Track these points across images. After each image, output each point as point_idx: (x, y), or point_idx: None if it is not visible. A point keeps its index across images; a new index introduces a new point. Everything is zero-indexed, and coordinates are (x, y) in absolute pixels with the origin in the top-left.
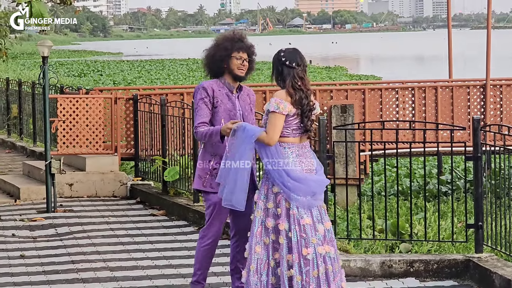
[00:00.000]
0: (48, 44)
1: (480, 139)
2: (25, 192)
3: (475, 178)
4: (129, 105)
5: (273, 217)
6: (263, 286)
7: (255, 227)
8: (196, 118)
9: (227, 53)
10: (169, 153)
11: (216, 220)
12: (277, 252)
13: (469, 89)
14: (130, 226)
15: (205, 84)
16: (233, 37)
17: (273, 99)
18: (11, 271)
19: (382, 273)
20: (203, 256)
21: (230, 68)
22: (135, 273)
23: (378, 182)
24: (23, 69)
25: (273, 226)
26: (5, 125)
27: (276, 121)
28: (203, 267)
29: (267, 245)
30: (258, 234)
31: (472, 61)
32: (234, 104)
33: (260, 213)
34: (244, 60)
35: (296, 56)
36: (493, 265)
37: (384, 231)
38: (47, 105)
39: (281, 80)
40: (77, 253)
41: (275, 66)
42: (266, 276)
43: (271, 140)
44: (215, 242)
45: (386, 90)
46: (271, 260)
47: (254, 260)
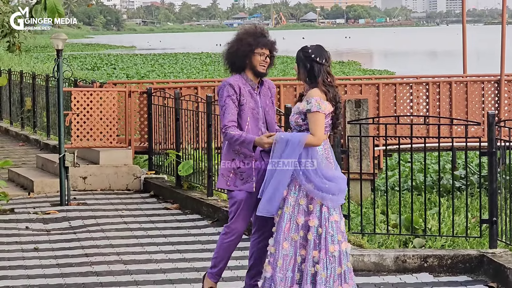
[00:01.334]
0: (62, 37)
1: (494, 134)
2: (38, 185)
3: (490, 174)
4: (143, 99)
5: (303, 214)
6: (287, 282)
7: (283, 223)
8: (225, 117)
9: (250, 49)
10: (183, 147)
11: (240, 217)
12: (303, 248)
13: (484, 85)
14: (143, 220)
15: (231, 81)
16: (256, 32)
17: (313, 99)
18: (25, 264)
19: (396, 268)
20: (224, 251)
21: (252, 64)
22: (149, 266)
23: (392, 177)
24: (36, 62)
25: (302, 223)
26: (19, 118)
27: (320, 121)
28: (224, 262)
29: (295, 241)
30: (287, 230)
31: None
32: (257, 102)
33: (290, 209)
34: (267, 56)
35: (323, 52)
36: (508, 261)
37: (398, 226)
38: (61, 98)
39: (311, 77)
40: (90, 246)
41: (303, 64)
42: (291, 272)
43: (319, 141)
44: (238, 238)
45: (400, 85)
46: (298, 256)
47: (281, 256)
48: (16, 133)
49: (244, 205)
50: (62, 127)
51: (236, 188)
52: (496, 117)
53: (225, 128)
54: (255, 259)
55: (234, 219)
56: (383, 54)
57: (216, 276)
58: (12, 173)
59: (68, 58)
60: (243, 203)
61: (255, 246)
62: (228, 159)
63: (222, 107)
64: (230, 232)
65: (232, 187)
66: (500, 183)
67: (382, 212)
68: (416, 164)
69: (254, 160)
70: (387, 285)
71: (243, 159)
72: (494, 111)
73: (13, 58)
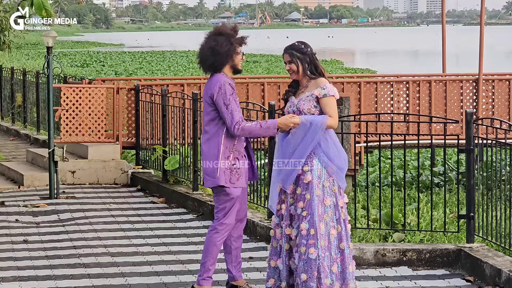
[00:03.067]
0: (52, 35)
1: (472, 132)
2: (28, 179)
3: (467, 170)
4: (131, 95)
5: (330, 195)
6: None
7: (315, 205)
8: (235, 114)
9: (233, 48)
10: (169, 142)
11: (233, 212)
12: (333, 228)
13: (462, 84)
14: (130, 213)
15: (228, 80)
16: (235, 31)
17: (328, 85)
18: (15, 256)
19: (376, 261)
20: (218, 250)
21: (234, 63)
22: (135, 258)
23: (372, 173)
24: (27, 59)
25: (329, 204)
26: (10, 113)
27: (335, 104)
28: (215, 262)
29: (326, 222)
30: (321, 213)
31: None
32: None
33: (319, 192)
34: (243, 53)
35: (308, 44)
36: (484, 255)
37: (378, 221)
38: (51, 94)
39: (312, 70)
40: (79, 238)
41: (304, 61)
42: (328, 250)
43: (337, 123)
44: (227, 234)
45: (381, 84)
46: (331, 236)
47: (321, 237)
48: (6, 128)
49: (238, 201)
50: (51, 122)
51: (233, 185)
52: (474, 115)
53: (239, 124)
54: (234, 250)
55: (229, 215)
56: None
57: (210, 279)
58: (3, 167)
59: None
60: (238, 199)
61: (230, 238)
62: (224, 157)
63: (227, 106)
64: (223, 229)
65: (229, 184)
66: (478, 180)
67: (362, 207)
68: (396, 161)
69: (243, 155)
70: (367, 278)
71: (237, 155)
72: (472, 110)
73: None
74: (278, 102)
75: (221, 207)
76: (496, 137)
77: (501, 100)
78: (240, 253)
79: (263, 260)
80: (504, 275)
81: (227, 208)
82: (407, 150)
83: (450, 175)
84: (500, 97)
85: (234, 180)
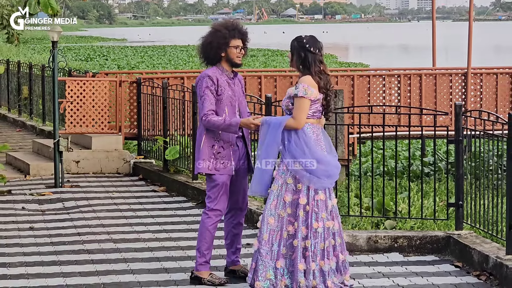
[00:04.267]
0: (57, 30)
1: (461, 123)
2: (34, 168)
3: (456, 160)
4: (133, 88)
5: (291, 192)
6: (273, 255)
7: (270, 200)
8: (204, 106)
9: (225, 41)
10: (170, 133)
11: (223, 197)
12: (291, 225)
13: (452, 77)
14: (132, 201)
15: (210, 73)
16: (230, 26)
17: (300, 85)
18: (21, 242)
19: (368, 248)
20: (212, 234)
21: (229, 57)
22: (137, 245)
23: (365, 163)
24: (33, 53)
25: (290, 201)
26: (16, 105)
27: (304, 105)
28: (211, 247)
29: (282, 217)
30: (273, 207)
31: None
32: (234, 91)
33: (277, 187)
34: (241, 48)
35: (317, 42)
36: (472, 242)
37: (371, 209)
38: (56, 87)
39: (304, 66)
40: (83, 225)
41: (297, 52)
42: (277, 246)
43: (299, 124)
44: (219, 219)
45: (374, 77)
46: (284, 232)
47: (266, 231)
48: (13, 119)
49: (225, 187)
50: (57, 114)
51: (218, 172)
52: (462, 107)
53: (206, 116)
54: (232, 237)
55: (218, 200)
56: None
57: (208, 264)
58: (10, 157)
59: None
60: (224, 185)
61: (230, 225)
62: (208, 145)
63: (201, 97)
64: (214, 214)
65: (214, 171)
66: (466, 169)
67: (355, 195)
68: (388, 151)
69: (231, 145)
70: (360, 264)
71: (223, 144)
72: (461, 102)
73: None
74: (275, 94)
75: (209, 193)
76: (484, 129)
77: (489, 93)
78: (240, 240)
79: None
80: (491, 261)
81: (215, 193)
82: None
83: (439, 165)
84: (488, 90)
85: (219, 167)
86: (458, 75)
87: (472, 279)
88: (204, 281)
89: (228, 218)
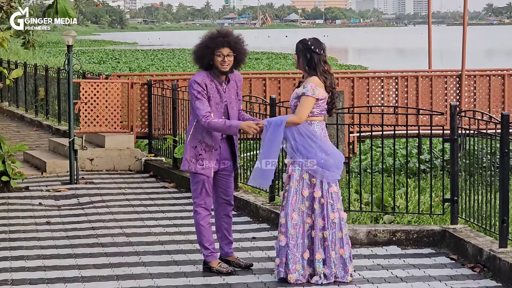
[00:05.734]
0: (72, 34)
1: (456, 123)
2: (50, 166)
3: (451, 158)
4: (144, 89)
5: (307, 187)
6: (299, 247)
7: (290, 196)
8: (201, 108)
9: (208, 51)
10: (179, 132)
11: (208, 191)
12: (309, 217)
13: (447, 79)
14: (144, 197)
15: (198, 79)
16: (217, 35)
17: (309, 85)
18: (38, 236)
19: (368, 241)
20: (205, 228)
21: (215, 64)
22: (148, 238)
23: (364, 160)
24: (49, 57)
25: (307, 195)
26: (33, 106)
27: (308, 103)
28: (210, 238)
29: (302, 211)
30: (294, 202)
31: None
32: (222, 97)
33: (295, 184)
34: (225, 56)
35: (321, 43)
36: (467, 235)
37: (370, 204)
38: (71, 89)
39: (310, 66)
40: (96, 220)
41: (303, 54)
42: (301, 239)
43: (301, 120)
44: (209, 212)
45: (373, 79)
46: (305, 224)
47: (291, 226)
48: (30, 119)
49: (207, 184)
50: (71, 114)
51: (198, 172)
52: (457, 108)
53: (205, 117)
54: (223, 230)
55: (199, 197)
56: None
57: (214, 254)
58: (27, 155)
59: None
60: (205, 183)
61: (220, 219)
62: (192, 146)
63: (195, 101)
64: (199, 208)
65: (193, 170)
66: (461, 167)
67: (356, 191)
68: (386, 149)
69: (214, 149)
70: (360, 256)
71: (204, 147)
72: (455, 103)
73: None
74: (279, 95)
75: (192, 189)
76: (477, 128)
77: (482, 94)
78: (231, 232)
79: (265, 240)
80: (485, 253)
81: (199, 189)
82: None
83: (435, 162)
84: (481, 91)
85: (198, 169)
86: (452, 77)
87: (466, 271)
88: (213, 270)
89: (217, 213)
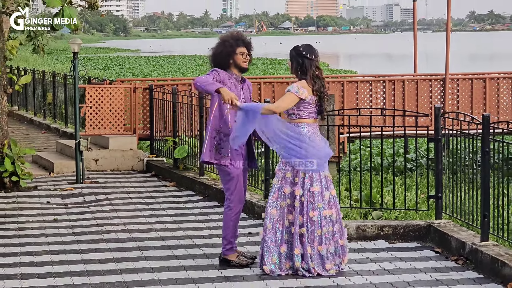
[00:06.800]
0: (78, 42)
1: (440, 124)
2: (58, 166)
3: (436, 157)
4: (146, 94)
5: (290, 185)
6: (277, 241)
7: (272, 193)
8: (202, 76)
9: (232, 49)
10: (179, 134)
11: (241, 188)
12: (290, 214)
13: (431, 82)
14: (146, 196)
15: (219, 70)
16: (235, 36)
17: (295, 84)
18: (46, 233)
19: (357, 236)
20: (234, 224)
21: (236, 63)
22: (150, 234)
23: (354, 159)
24: (56, 63)
25: (289, 192)
26: (42, 110)
27: (289, 98)
28: (234, 234)
29: (283, 208)
30: (274, 199)
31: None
32: (239, 93)
33: (278, 181)
34: (246, 54)
35: (313, 49)
36: (450, 230)
37: (359, 201)
38: (77, 93)
39: (302, 71)
40: (101, 217)
41: (295, 60)
42: (280, 233)
43: (277, 108)
44: (241, 209)
45: (361, 83)
46: (285, 220)
47: (270, 220)
48: (39, 122)
49: (240, 177)
50: (77, 117)
51: (216, 162)
52: (441, 109)
53: (195, 79)
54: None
55: (237, 192)
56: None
57: (234, 248)
58: (36, 156)
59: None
60: (240, 176)
61: None
62: (211, 136)
63: (204, 75)
64: (236, 205)
65: (213, 160)
66: (445, 165)
67: (346, 189)
68: (374, 149)
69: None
70: (350, 250)
71: (223, 137)
72: (440, 105)
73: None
74: (273, 99)
75: (226, 186)
76: (460, 128)
77: (465, 96)
78: (237, 227)
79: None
80: (467, 247)
81: (232, 185)
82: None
83: (421, 161)
84: (464, 94)
85: (218, 157)
86: (437, 81)
87: (450, 263)
88: (233, 263)
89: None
